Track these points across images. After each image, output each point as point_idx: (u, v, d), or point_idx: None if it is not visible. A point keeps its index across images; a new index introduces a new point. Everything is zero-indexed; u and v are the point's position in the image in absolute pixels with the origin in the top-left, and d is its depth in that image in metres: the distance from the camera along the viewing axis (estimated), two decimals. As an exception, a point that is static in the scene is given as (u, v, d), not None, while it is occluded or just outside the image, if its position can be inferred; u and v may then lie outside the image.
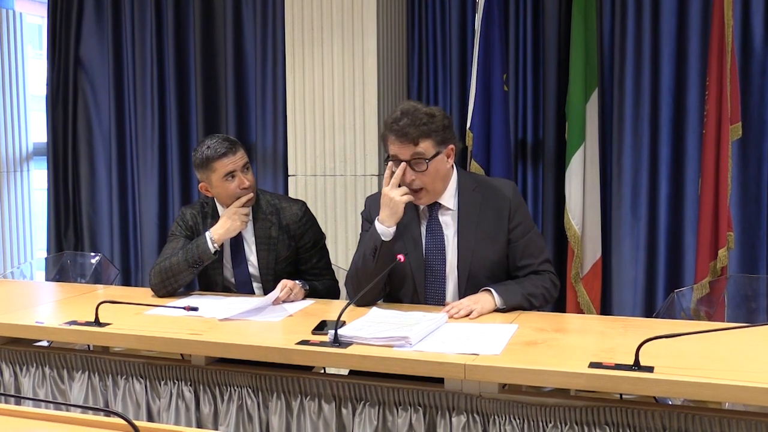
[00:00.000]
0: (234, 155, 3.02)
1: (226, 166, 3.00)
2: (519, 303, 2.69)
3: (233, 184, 3.03)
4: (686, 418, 2.00)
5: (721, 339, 2.25)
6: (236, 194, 3.05)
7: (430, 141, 2.70)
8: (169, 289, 3.01)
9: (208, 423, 2.47)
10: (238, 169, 3.02)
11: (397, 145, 2.70)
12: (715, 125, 3.61)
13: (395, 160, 2.73)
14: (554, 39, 4.20)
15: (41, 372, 2.70)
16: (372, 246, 2.73)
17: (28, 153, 5.56)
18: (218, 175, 3.01)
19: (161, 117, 5.03)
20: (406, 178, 2.71)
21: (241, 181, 3.02)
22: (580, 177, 3.90)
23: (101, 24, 5.16)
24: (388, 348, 2.27)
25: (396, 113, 2.72)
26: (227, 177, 3.01)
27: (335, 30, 4.18)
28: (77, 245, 5.28)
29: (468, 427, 2.18)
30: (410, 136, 2.67)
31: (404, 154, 2.70)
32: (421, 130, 2.68)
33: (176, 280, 3.00)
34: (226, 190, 3.04)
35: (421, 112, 2.71)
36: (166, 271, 3.00)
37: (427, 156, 2.69)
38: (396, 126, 2.69)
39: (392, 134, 2.70)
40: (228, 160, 3.00)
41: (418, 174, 2.70)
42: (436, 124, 2.71)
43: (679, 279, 4.05)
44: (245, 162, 3.06)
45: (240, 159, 3.04)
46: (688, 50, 3.97)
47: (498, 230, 2.80)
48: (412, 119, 2.68)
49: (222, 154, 2.99)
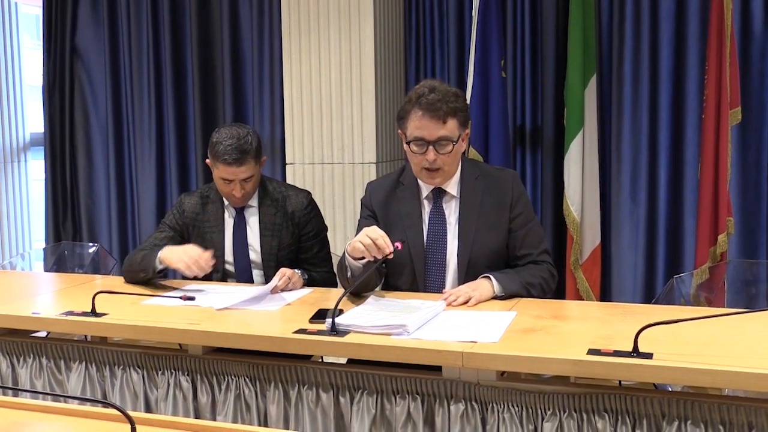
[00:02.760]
0: (238, 167, 2.96)
1: (227, 173, 2.98)
2: (517, 291, 2.68)
3: (227, 188, 3.04)
4: (685, 405, 2.00)
5: (720, 325, 2.24)
6: (225, 195, 3.08)
7: (456, 121, 2.67)
8: (130, 281, 3.06)
9: (206, 413, 2.46)
10: (236, 180, 3.00)
11: (425, 121, 2.64)
12: (715, 110, 3.59)
13: (419, 141, 2.68)
14: (552, 24, 4.18)
15: (38, 363, 2.69)
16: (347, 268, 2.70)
17: (26, 143, 5.54)
18: (217, 173, 3.02)
19: (158, 106, 5.01)
20: (428, 157, 2.67)
21: (235, 189, 3.01)
22: (578, 163, 3.88)
23: (97, 13, 5.13)
24: (386, 336, 2.26)
25: (422, 89, 2.67)
26: (224, 180, 3.01)
27: (332, 17, 4.15)
28: (75, 235, 5.27)
29: (466, 414, 2.18)
30: (441, 112, 2.62)
31: (431, 134, 2.65)
32: (450, 106, 2.64)
33: (135, 275, 3.03)
34: (220, 187, 3.07)
35: (449, 89, 2.68)
36: (130, 263, 3.07)
37: (453, 138, 2.67)
38: (425, 100, 2.64)
39: (420, 109, 2.65)
40: (230, 169, 2.97)
41: (441, 155, 2.68)
42: (461, 103, 2.70)
43: (679, 265, 4.04)
44: (248, 176, 3.00)
45: (243, 172, 2.97)
46: (687, 34, 3.95)
47: (499, 219, 2.78)
48: (442, 95, 2.64)
49: (227, 163, 2.96)
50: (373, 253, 2.54)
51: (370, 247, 2.54)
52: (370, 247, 2.54)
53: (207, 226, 3.14)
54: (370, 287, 2.77)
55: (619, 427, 2.05)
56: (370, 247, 2.54)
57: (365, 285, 2.70)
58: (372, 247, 2.54)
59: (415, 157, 2.72)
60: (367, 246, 2.54)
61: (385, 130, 4.24)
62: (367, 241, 2.54)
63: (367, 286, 2.74)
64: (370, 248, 2.54)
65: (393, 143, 4.35)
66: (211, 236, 3.13)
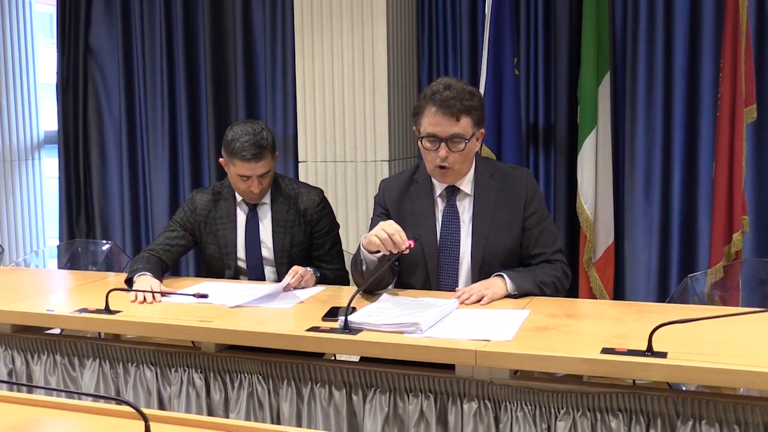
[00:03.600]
0: (257, 163, 2.97)
1: (245, 169, 2.98)
2: (531, 289, 2.67)
3: (244, 185, 3.03)
4: (700, 404, 1.98)
5: (735, 324, 2.22)
6: (242, 192, 3.07)
7: (470, 119, 2.66)
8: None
9: (219, 410, 2.47)
10: (254, 176, 3.00)
11: (439, 117, 2.64)
12: (729, 107, 3.56)
13: (431, 138, 2.68)
14: (566, 22, 4.16)
15: (52, 360, 2.70)
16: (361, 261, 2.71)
17: (39, 141, 5.57)
18: (235, 170, 3.02)
19: (171, 104, 5.03)
20: (440, 153, 2.67)
21: (252, 185, 3.02)
22: (592, 161, 3.86)
23: (110, 11, 5.15)
24: (399, 334, 2.25)
25: (437, 86, 2.67)
26: (242, 177, 3.01)
27: (344, 15, 4.15)
28: (89, 233, 5.29)
29: (479, 413, 2.17)
30: (454, 109, 2.62)
31: (444, 131, 2.65)
32: (464, 104, 2.63)
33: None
34: (236, 184, 3.07)
35: (464, 87, 2.68)
36: (133, 262, 3.11)
37: (466, 136, 2.66)
38: (439, 96, 2.64)
39: (434, 105, 2.65)
40: (249, 165, 2.97)
41: (453, 153, 2.67)
42: (476, 101, 2.68)
43: (693, 263, 4.02)
44: (266, 171, 3.02)
45: (261, 167, 2.99)
46: (701, 31, 3.93)
47: (513, 218, 2.77)
48: (457, 92, 2.63)
49: (245, 159, 2.96)
50: (388, 247, 2.53)
51: (386, 241, 2.53)
52: (386, 241, 2.53)
53: (219, 222, 3.15)
54: (383, 285, 2.77)
55: (633, 427, 2.04)
56: (386, 241, 2.53)
57: (378, 283, 2.70)
58: (388, 242, 2.53)
59: (428, 154, 2.71)
60: (383, 240, 2.53)
61: (397, 128, 4.24)
62: (383, 236, 2.53)
63: (380, 284, 2.74)
64: (386, 242, 2.53)
65: (405, 141, 4.35)
66: (224, 233, 3.14)
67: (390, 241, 2.52)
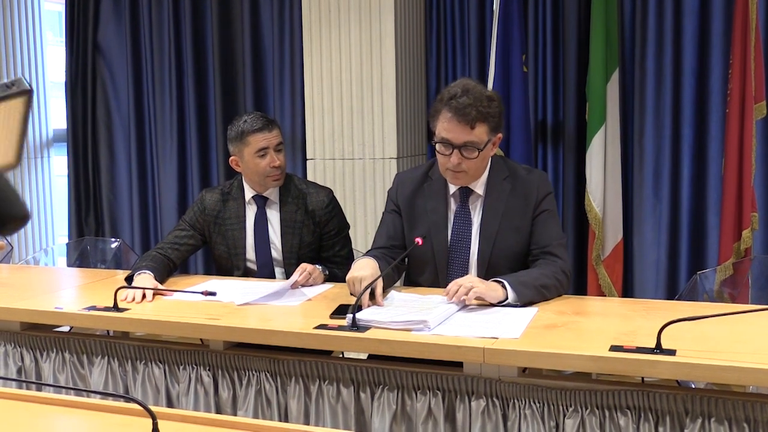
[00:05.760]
0: (270, 132, 3.04)
1: (260, 141, 3.01)
2: (532, 298, 2.54)
3: (264, 161, 3.03)
4: (709, 402, 1.98)
5: (745, 321, 2.21)
6: (266, 172, 3.05)
7: (486, 126, 2.61)
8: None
9: (227, 407, 2.47)
10: (271, 147, 3.02)
11: (454, 123, 2.60)
12: (739, 104, 3.55)
13: (445, 143, 2.64)
14: (574, 18, 4.15)
15: (61, 357, 2.71)
16: None
17: (48, 139, 5.58)
18: (251, 149, 3.02)
19: (179, 102, 5.03)
20: (452, 160, 2.63)
21: (272, 159, 3.03)
22: (600, 158, 3.85)
23: (119, 10, 5.16)
24: (407, 332, 2.25)
25: (455, 89, 2.62)
26: (259, 153, 3.02)
27: (352, 12, 4.15)
28: (98, 231, 5.31)
29: (487, 411, 2.17)
30: (469, 117, 2.56)
31: (458, 137, 2.60)
32: (481, 111, 2.58)
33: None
34: (257, 166, 3.05)
35: (483, 93, 2.62)
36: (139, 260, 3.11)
37: (480, 145, 2.61)
38: (455, 102, 2.58)
39: (449, 111, 2.60)
40: (263, 135, 3.02)
41: (466, 160, 2.63)
42: (494, 108, 2.63)
43: (702, 260, 4.00)
44: (280, 141, 3.08)
45: (275, 137, 3.05)
46: (711, 27, 3.91)
47: (523, 221, 2.74)
48: (474, 98, 2.58)
49: (258, 129, 3.01)
50: (350, 289, 2.59)
51: (349, 283, 2.58)
52: (349, 283, 2.59)
53: (228, 222, 3.15)
54: (389, 283, 2.76)
55: (642, 425, 2.03)
56: (349, 283, 2.58)
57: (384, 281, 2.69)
58: (350, 286, 2.59)
59: (441, 157, 2.69)
60: (348, 281, 2.59)
61: (405, 126, 4.23)
62: (349, 277, 2.58)
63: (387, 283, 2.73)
64: (348, 284, 2.59)
65: (414, 138, 4.34)
66: (232, 233, 3.14)
67: (351, 285, 2.58)
